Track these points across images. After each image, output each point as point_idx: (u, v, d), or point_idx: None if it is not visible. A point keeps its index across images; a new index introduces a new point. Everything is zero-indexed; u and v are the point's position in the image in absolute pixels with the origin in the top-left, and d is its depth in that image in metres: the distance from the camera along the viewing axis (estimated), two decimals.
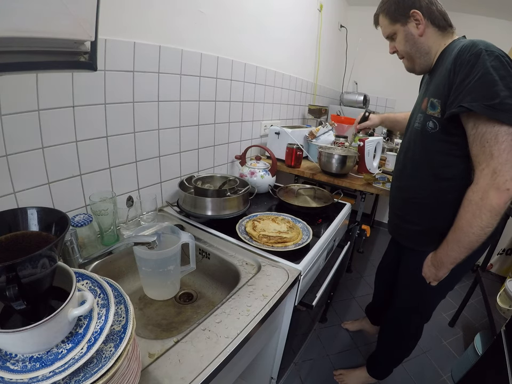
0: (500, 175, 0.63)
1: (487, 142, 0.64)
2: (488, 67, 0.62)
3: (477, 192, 0.67)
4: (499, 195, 0.63)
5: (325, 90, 2.59)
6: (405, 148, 0.94)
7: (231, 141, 1.44)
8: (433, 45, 0.80)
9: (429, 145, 0.82)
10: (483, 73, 0.63)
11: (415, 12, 0.77)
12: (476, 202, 0.67)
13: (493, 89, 0.61)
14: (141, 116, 0.94)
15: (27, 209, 0.42)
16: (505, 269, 1.74)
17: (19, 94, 0.64)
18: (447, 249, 0.80)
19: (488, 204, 0.65)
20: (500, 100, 0.60)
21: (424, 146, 0.84)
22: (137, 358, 0.43)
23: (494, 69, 0.62)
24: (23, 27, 0.41)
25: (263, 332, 0.79)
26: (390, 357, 1.26)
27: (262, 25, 1.46)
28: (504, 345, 1.05)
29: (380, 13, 0.86)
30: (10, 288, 0.32)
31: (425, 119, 0.81)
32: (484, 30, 2.36)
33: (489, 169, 0.64)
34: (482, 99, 0.62)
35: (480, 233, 0.71)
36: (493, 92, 0.61)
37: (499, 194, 0.63)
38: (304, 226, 1.02)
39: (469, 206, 0.69)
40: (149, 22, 0.89)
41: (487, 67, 0.62)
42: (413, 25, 0.79)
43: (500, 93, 0.60)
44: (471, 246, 0.74)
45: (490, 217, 0.67)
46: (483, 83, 0.63)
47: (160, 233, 0.71)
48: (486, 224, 0.68)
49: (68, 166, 0.78)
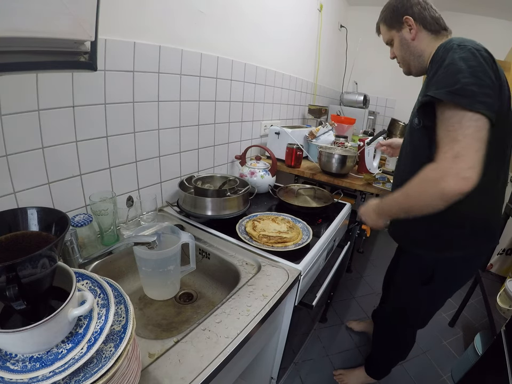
0: (462, 160, 0.60)
1: (452, 126, 0.62)
2: (455, 58, 0.64)
3: (435, 172, 0.65)
4: (456, 182, 0.60)
5: (325, 90, 2.59)
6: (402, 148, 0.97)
7: (231, 141, 1.44)
8: (426, 48, 0.83)
9: (415, 141, 0.83)
10: (449, 63, 0.64)
11: (407, 18, 0.81)
12: (432, 181, 0.65)
13: (456, 77, 0.62)
14: (141, 116, 0.94)
15: (27, 209, 0.42)
16: (505, 269, 1.74)
17: (19, 94, 0.64)
18: (390, 204, 0.80)
19: (442, 188, 0.62)
20: (461, 85, 0.61)
21: (412, 142, 0.86)
22: (137, 358, 0.43)
23: (461, 59, 0.63)
24: (23, 27, 0.41)
25: (263, 332, 0.79)
26: (384, 357, 1.26)
27: (262, 25, 1.46)
28: (504, 345, 1.05)
29: (380, 22, 0.92)
30: (10, 288, 0.32)
31: (413, 117, 0.84)
32: (484, 30, 2.36)
33: (452, 153, 0.61)
34: (445, 86, 0.63)
35: (424, 209, 0.70)
36: (456, 78, 0.62)
37: (457, 181, 0.60)
38: (304, 226, 1.02)
39: (424, 183, 0.68)
40: (149, 22, 0.89)
41: (454, 58, 0.64)
42: (406, 30, 0.83)
43: (461, 80, 0.61)
44: (411, 213, 0.74)
45: (440, 200, 0.65)
46: (448, 72, 0.64)
47: (160, 233, 0.71)
48: (434, 205, 0.67)
49: (68, 166, 0.78)
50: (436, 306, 1.03)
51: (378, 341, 1.28)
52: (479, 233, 0.80)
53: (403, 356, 1.25)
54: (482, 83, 0.61)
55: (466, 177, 0.60)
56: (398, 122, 2.57)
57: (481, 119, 0.60)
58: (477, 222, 0.78)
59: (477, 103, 0.60)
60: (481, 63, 0.62)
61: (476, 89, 0.60)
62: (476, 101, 0.60)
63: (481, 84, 0.60)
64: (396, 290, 1.11)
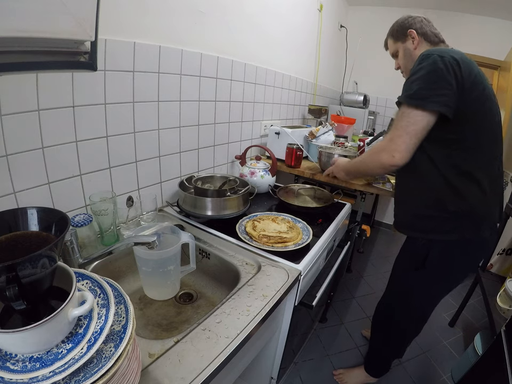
0: (393, 143, 0.82)
1: (398, 119, 0.82)
2: (417, 68, 0.79)
3: (378, 147, 0.88)
4: (387, 156, 0.83)
5: (325, 90, 2.59)
6: None
7: (231, 141, 1.44)
8: None
9: None
10: (413, 73, 0.80)
11: (411, 30, 0.96)
12: (375, 153, 0.89)
13: (413, 84, 0.78)
14: (141, 116, 0.94)
15: (27, 209, 0.42)
16: (505, 269, 1.74)
17: (19, 94, 0.64)
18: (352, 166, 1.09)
19: (379, 159, 0.86)
20: (413, 90, 0.77)
21: None
22: (137, 358, 0.43)
23: (421, 69, 0.78)
24: (23, 27, 0.41)
25: (263, 332, 0.79)
26: (379, 352, 1.27)
27: (262, 25, 1.46)
28: (504, 345, 1.05)
29: (388, 36, 1.07)
30: (10, 288, 0.32)
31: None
32: (484, 30, 2.36)
33: (389, 136, 0.83)
34: (405, 91, 0.81)
35: (371, 173, 1.06)
36: (411, 86, 0.79)
37: (387, 156, 0.83)
38: (304, 226, 1.02)
39: (372, 154, 0.92)
40: (149, 22, 0.89)
41: (416, 69, 0.79)
42: (410, 42, 0.98)
43: (414, 86, 0.78)
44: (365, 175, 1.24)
45: (379, 168, 0.90)
46: (409, 80, 0.80)
47: (160, 233, 0.71)
48: (376, 171, 0.94)
49: (67, 166, 0.78)
50: (429, 296, 1.03)
51: (373, 334, 1.29)
52: (461, 219, 0.86)
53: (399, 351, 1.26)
54: (434, 86, 0.75)
55: (393, 156, 0.82)
56: None
57: (427, 115, 0.76)
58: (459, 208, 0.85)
59: (429, 103, 0.75)
60: (439, 68, 0.75)
61: (426, 93, 0.76)
62: (428, 102, 0.75)
63: (432, 87, 0.75)
64: (391, 276, 1.15)
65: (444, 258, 0.91)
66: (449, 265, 0.93)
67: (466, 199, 0.84)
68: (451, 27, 2.29)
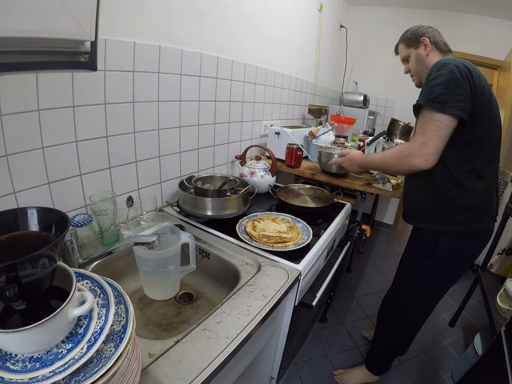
0: (425, 147, 0.84)
1: (425, 122, 0.85)
2: (437, 75, 0.85)
3: (407, 150, 0.89)
4: (420, 160, 0.86)
5: (325, 90, 2.59)
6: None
7: (231, 141, 1.44)
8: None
9: None
10: (432, 79, 0.86)
11: (424, 38, 1.02)
12: (404, 156, 0.90)
13: (434, 89, 0.84)
14: (141, 116, 0.94)
15: (27, 209, 0.42)
16: (505, 269, 1.74)
17: (19, 94, 0.64)
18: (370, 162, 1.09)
19: (410, 162, 0.88)
20: (435, 95, 0.83)
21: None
22: (137, 358, 0.43)
23: (440, 75, 0.84)
24: (22, 27, 0.41)
25: (263, 332, 0.79)
26: (384, 348, 1.27)
27: (262, 25, 1.46)
28: (504, 345, 1.05)
29: (400, 42, 1.12)
30: (10, 288, 0.32)
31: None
32: (484, 30, 2.36)
33: (421, 140, 0.86)
34: (426, 95, 0.86)
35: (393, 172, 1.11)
36: (433, 90, 0.84)
37: (420, 160, 0.86)
38: (304, 226, 1.02)
39: (397, 155, 0.93)
40: (149, 22, 0.89)
41: (436, 75, 0.85)
42: (422, 48, 1.03)
43: (436, 91, 0.83)
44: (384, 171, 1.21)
45: (406, 170, 0.92)
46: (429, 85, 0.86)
47: (160, 233, 0.71)
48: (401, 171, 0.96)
49: (68, 166, 0.78)
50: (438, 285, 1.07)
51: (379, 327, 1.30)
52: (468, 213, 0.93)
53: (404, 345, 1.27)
54: (453, 92, 0.81)
55: (426, 160, 0.85)
56: (398, 122, 2.57)
57: (449, 119, 0.82)
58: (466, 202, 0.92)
59: (448, 107, 0.81)
60: (456, 77, 0.81)
61: (447, 98, 0.81)
62: (447, 106, 0.81)
63: (452, 93, 0.81)
64: (400, 267, 1.17)
65: (452, 248, 0.98)
66: (457, 254, 1.00)
67: (473, 194, 0.91)
68: (451, 27, 2.29)
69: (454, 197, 0.92)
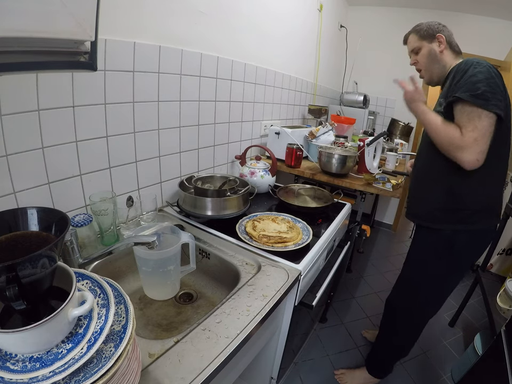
0: (478, 144, 0.82)
1: (472, 117, 0.83)
2: (476, 72, 0.84)
3: (459, 142, 0.84)
4: (470, 158, 0.83)
5: (325, 90, 2.59)
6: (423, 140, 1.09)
7: (231, 141, 1.44)
8: (448, 62, 1.02)
9: None
10: (471, 75, 0.84)
11: (440, 35, 1.01)
12: (454, 146, 0.86)
13: (476, 85, 0.82)
14: (141, 116, 0.94)
15: (27, 209, 0.42)
16: (505, 269, 1.75)
17: (19, 94, 0.64)
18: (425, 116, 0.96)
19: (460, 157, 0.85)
20: (481, 91, 0.81)
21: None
22: (137, 358, 0.43)
23: (479, 73, 0.83)
24: (23, 27, 0.41)
25: (263, 332, 0.79)
26: (387, 350, 1.26)
27: (262, 25, 1.46)
28: (504, 345, 1.05)
29: (412, 32, 1.09)
30: (10, 288, 0.32)
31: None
32: (484, 30, 2.36)
33: (474, 135, 0.82)
34: (469, 91, 0.83)
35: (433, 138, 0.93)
36: (476, 87, 0.82)
37: (471, 157, 0.83)
38: (304, 226, 1.02)
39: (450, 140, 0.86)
40: (149, 22, 0.89)
41: (474, 72, 0.84)
42: (436, 44, 1.02)
43: (481, 87, 0.82)
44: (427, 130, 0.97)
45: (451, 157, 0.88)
46: (470, 81, 0.84)
47: (160, 233, 0.71)
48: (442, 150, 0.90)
49: (67, 166, 0.78)
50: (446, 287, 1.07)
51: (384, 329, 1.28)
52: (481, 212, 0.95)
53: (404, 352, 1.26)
54: (494, 91, 0.82)
55: (477, 160, 0.83)
56: (398, 122, 2.57)
57: (493, 117, 0.82)
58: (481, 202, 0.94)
59: (490, 105, 0.81)
60: (493, 76, 0.83)
61: (490, 96, 0.81)
62: (490, 104, 0.81)
63: (493, 91, 0.81)
64: (406, 268, 1.16)
65: (467, 247, 0.99)
66: (470, 253, 1.02)
67: (490, 193, 0.94)
68: (451, 27, 2.27)
69: (473, 196, 0.93)
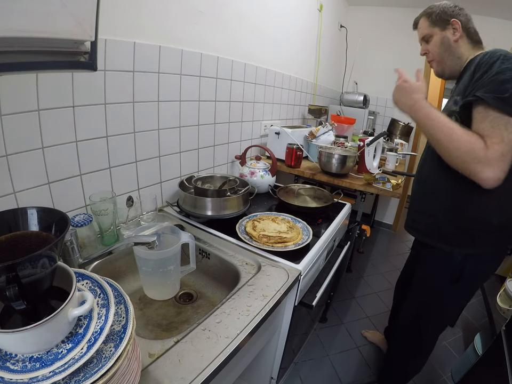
0: (504, 161, 0.67)
1: (498, 126, 0.68)
2: (503, 68, 0.69)
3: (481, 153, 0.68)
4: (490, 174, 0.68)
5: (325, 90, 2.59)
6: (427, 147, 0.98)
7: (231, 141, 1.44)
8: (465, 53, 0.88)
9: None
10: (497, 72, 0.69)
11: (456, 21, 0.86)
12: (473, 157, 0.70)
13: (505, 86, 0.67)
14: (141, 116, 0.94)
15: (27, 209, 0.42)
16: (505, 269, 1.75)
17: (19, 94, 0.64)
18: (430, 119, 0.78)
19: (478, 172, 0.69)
20: (509, 94, 0.66)
21: None
22: (137, 358, 0.43)
23: (509, 70, 0.68)
24: (23, 27, 0.41)
25: (263, 332, 0.79)
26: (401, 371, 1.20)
27: (262, 25, 1.46)
28: (504, 345, 1.05)
29: (423, 16, 0.94)
30: (10, 288, 0.32)
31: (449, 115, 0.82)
32: (484, 30, 2.36)
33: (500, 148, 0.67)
34: (494, 92, 0.68)
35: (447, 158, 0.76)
36: (504, 88, 0.67)
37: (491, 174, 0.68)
38: (304, 226, 1.02)
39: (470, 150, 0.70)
40: (149, 22, 0.89)
41: (502, 68, 0.69)
42: (450, 31, 0.88)
43: (510, 89, 0.67)
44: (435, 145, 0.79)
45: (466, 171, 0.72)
46: (496, 79, 0.69)
47: (160, 233, 0.71)
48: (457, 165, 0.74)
49: (68, 166, 0.78)
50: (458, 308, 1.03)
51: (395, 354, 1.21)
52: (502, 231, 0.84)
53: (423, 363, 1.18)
54: None
55: (499, 178, 0.68)
56: (398, 122, 2.57)
57: None
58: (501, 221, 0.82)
59: None
60: None
61: None
62: None
63: None
64: (418, 292, 1.06)
65: (479, 268, 0.90)
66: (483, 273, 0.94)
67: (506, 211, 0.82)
68: None
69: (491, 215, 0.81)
